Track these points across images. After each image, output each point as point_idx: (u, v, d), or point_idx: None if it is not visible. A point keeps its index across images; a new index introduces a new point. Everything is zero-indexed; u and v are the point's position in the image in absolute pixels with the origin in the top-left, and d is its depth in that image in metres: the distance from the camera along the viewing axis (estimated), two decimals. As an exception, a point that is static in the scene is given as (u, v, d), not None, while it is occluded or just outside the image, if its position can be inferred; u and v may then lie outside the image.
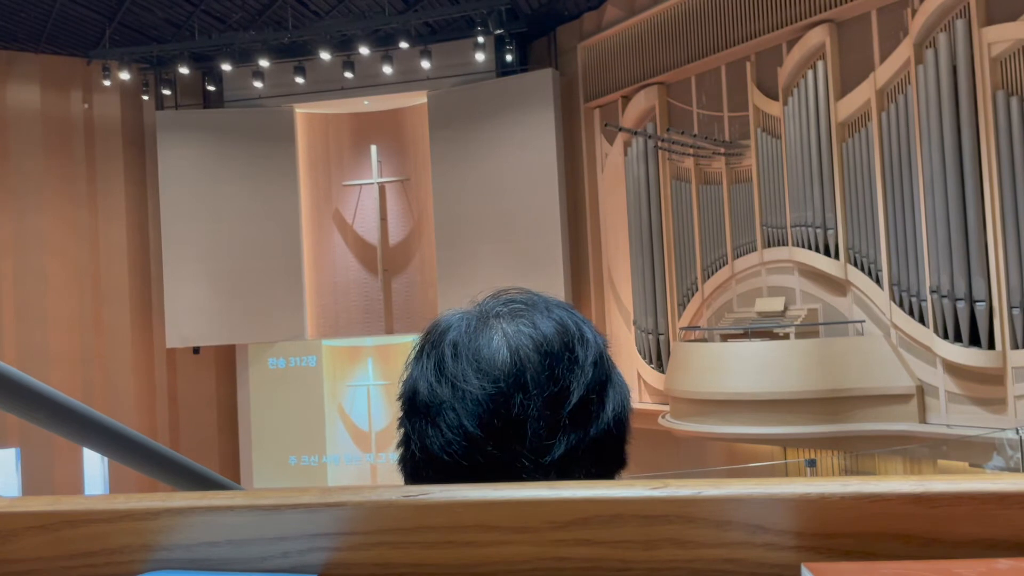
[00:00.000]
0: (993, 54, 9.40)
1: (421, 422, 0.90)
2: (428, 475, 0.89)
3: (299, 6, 14.95)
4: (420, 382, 0.91)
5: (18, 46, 15.51)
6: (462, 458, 0.86)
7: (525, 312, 0.92)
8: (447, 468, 0.87)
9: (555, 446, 0.85)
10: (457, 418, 0.87)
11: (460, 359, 0.89)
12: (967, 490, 0.59)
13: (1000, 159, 9.31)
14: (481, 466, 0.86)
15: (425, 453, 0.89)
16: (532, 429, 0.85)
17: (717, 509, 0.61)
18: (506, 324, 0.91)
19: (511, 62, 15.02)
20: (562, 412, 0.86)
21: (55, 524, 0.64)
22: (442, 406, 0.88)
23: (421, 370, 0.92)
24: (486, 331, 0.90)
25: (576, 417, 0.87)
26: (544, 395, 0.86)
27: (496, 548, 0.62)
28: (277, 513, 0.63)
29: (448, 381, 0.88)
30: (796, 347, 11.05)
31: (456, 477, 0.87)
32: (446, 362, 0.89)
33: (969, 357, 9.56)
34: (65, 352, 15.55)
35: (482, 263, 15.12)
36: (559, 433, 0.86)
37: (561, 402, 0.86)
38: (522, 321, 0.91)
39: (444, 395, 0.88)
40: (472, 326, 0.92)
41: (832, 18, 11.20)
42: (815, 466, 11.38)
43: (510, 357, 0.88)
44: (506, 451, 0.86)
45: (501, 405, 0.86)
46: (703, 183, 13.23)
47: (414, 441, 0.91)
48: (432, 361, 0.91)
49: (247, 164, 16.04)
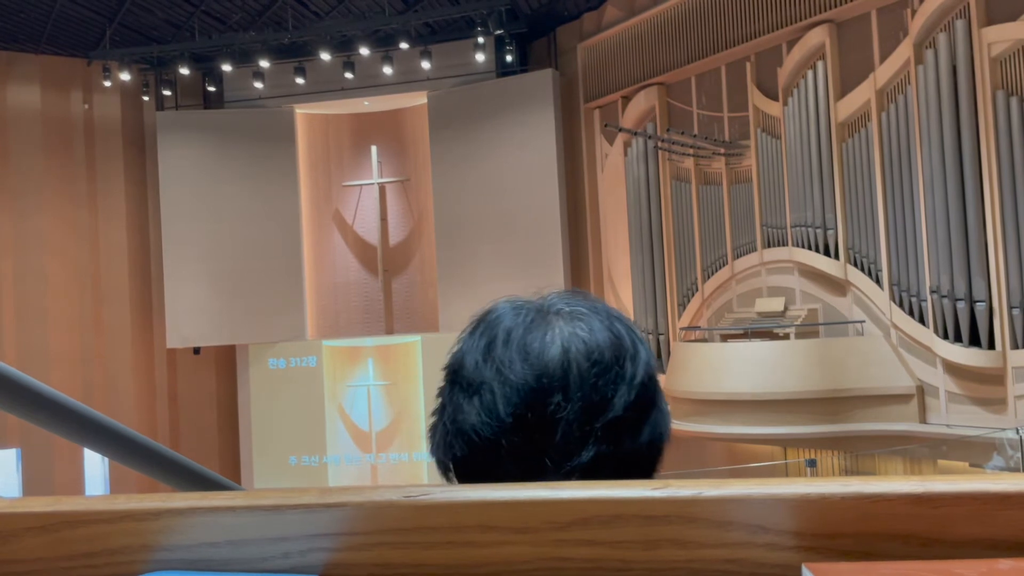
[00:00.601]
0: (993, 54, 9.40)
1: (459, 395, 0.90)
2: (453, 449, 0.90)
3: (299, 7, 14.95)
4: (467, 357, 0.91)
5: (18, 47, 15.51)
6: (487, 441, 0.86)
7: (585, 316, 0.92)
8: (472, 447, 0.88)
9: (582, 453, 0.85)
10: (493, 400, 0.87)
11: (511, 345, 0.89)
12: (968, 490, 0.59)
13: (1000, 159, 9.31)
14: (504, 455, 0.86)
15: (455, 426, 0.90)
16: (563, 431, 0.85)
17: (718, 509, 0.61)
18: (564, 323, 0.91)
19: (511, 62, 15.02)
20: (597, 422, 0.85)
21: (55, 525, 0.64)
22: (482, 386, 0.88)
23: (471, 345, 0.92)
24: (543, 325, 0.90)
25: (610, 431, 0.86)
26: (583, 401, 0.86)
27: (496, 548, 0.62)
28: (277, 513, 0.63)
29: (494, 363, 0.88)
30: (796, 347, 11.05)
31: (478, 459, 0.88)
32: (496, 344, 0.90)
33: (969, 357, 9.56)
34: (65, 352, 15.55)
35: (482, 263, 15.12)
36: (589, 442, 0.85)
37: (598, 413, 0.86)
38: (580, 324, 0.90)
39: (487, 375, 0.88)
40: (531, 318, 0.91)
41: (832, 18, 11.20)
42: (815, 466, 11.38)
43: (559, 356, 0.87)
44: (531, 445, 0.85)
45: (539, 399, 0.86)
46: (703, 183, 13.23)
47: (448, 412, 0.92)
48: (484, 340, 0.91)
49: (247, 164, 16.05)
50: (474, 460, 0.88)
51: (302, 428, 16.07)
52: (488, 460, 0.87)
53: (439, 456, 0.93)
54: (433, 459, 0.95)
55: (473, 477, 0.90)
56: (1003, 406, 9.42)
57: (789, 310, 11.75)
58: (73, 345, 15.72)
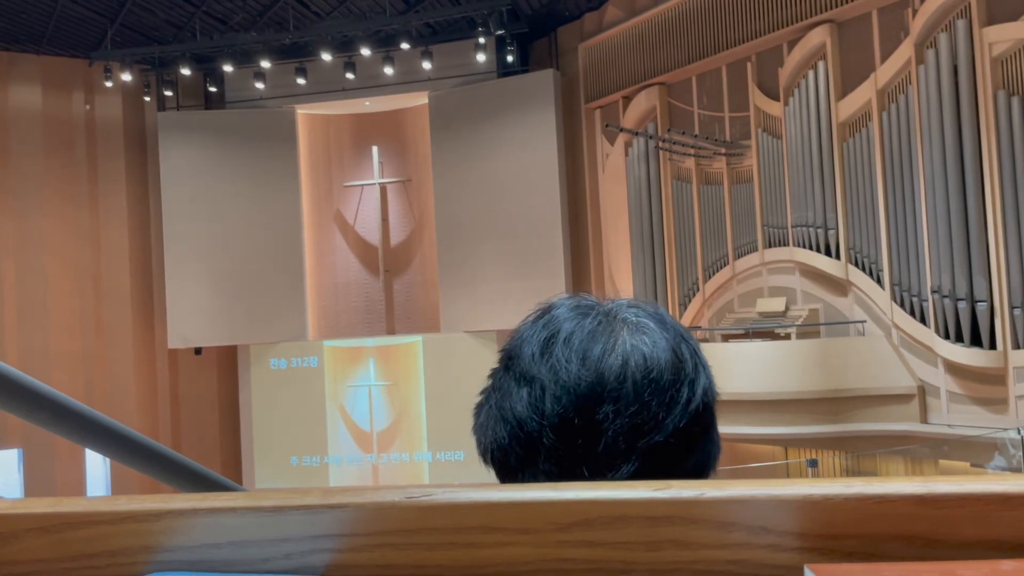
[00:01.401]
0: (994, 54, 9.40)
1: (511, 383, 0.89)
2: (495, 433, 0.89)
3: (300, 7, 14.96)
4: (525, 346, 0.90)
5: (19, 47, 15.53)
6: (529, 435, 0.85)
7: (650, 331, 0.89)
8: (513, 437, 0.87)
9: (622, 468, 0.83)
10: (543, 396, 0.85)
11: (571, 345, 0.87)
12: (971, 491, 0.59)
13: (1001, 159, 9.31)
14: (543, 452, 0.85)
15: (500, 412, 0.89)
16: (607, 442, 0.83)
17: (720, 510, 0.61)
18: (627, 334, 0.88)
19: (512, 63, 15.03)
20: (642, 441, 0.84)
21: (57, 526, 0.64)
22: (534, 380, 0.87)
23: (531, 335, 0.90)
24: (606, 332, 0.88)
25: (654, 452, 0.84)
26: (632, 417, 0.84)
27: (499, 550, 0.62)
28: (279, 514, 0.63)
29: (551, 359, 0.87)
30: (797, 347, 11.05)
31: (517, 450, 0.87)
32: (556, 341, 0.88)
33: (970, 357, 9.56)
34: (66, 353, 15.56)
35: (483, 263, 15.13)
36: (631, 458, 0.83)
37: (646, 432, 0.84)
38: (644, 338, 0.88)
39: (540, 370, 0.87)
40: (597, 321, 0.89)
41: (833, 18, 11.20)
42: (816, 466, 11.38)
43: (618, 367, 0.85)
44: (572, 449, 0.84)
45: (588, 405, 0.84)
46: (704, 183, 13.23)
47: (496, 396, 0.90)
48: (545, 333, 0.89)
49: (248, 165, 16.06)
50: (513, 450, 0.87)
51: (303, 428, 16.08)
52: (527, 454, 0.86)
53: (479, 436, 0.92)
54: (473, 438, 0.93)
55: (508, 465, 0.89)
56: (1004, 406, 9.42)
57: (790, 310, 11.74)
58: (74, 345, 15.73)
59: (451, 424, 15.03)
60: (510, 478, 0.89)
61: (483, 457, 0.92)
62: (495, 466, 0.91)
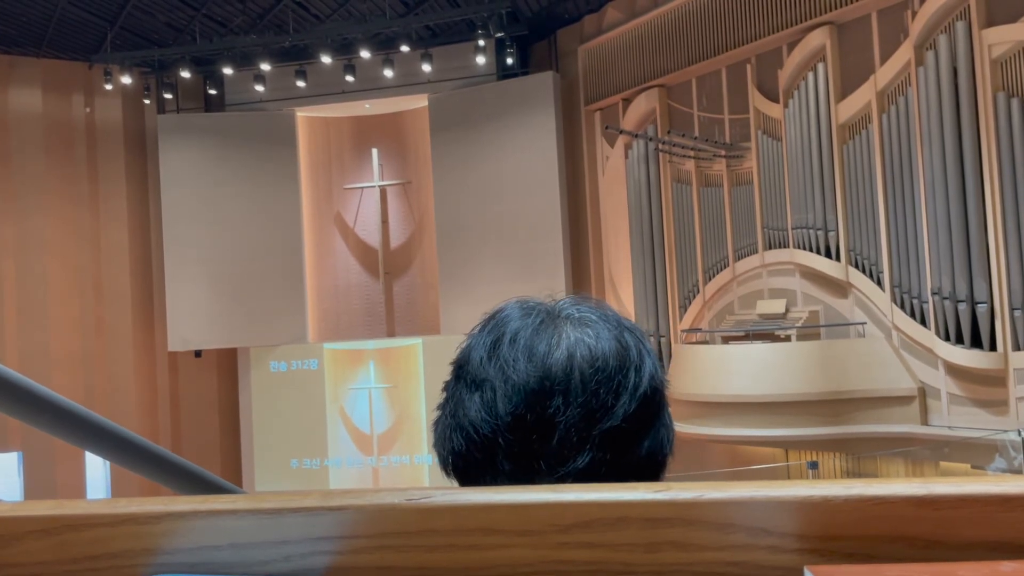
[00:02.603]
0: (993, 56, 9.40)
1: (463, 390, 0.91)
2: (452, 443, 0.91)
3: (300, 10, 14.97)
4: (473, 353, 0.92)
5: (20, 50, 15.54)
6: (485, 438, 0.87)
7: (593, 323, 0.92)
8: (470, 443, 0.88)
9: (577, 459, 0.85)
10: (494, 398, 0.87)
11: (516, 345, 0.89)
12: (971, 493, 0.59)
13: (1001, 160, 9.31)
14: (500, 453, 0.86)
15: (455, 420, 0.90)
16: (560, 435, 0.85)
17: (719, 512, 0.61)
18: (572, 328, 0.90)
19: (512, 65, 15.04)
20: (595, 429, 0.85)
21: (57, 528, 0.64)
22: (484, 383, 0.88)
23: (478, 342, 0.92)
24: (551, 328, 0.90)
25: (608, 439, 0.86)
26: (583, 407, 0.85)
27: (499, 551, 0.62)
28: (279, 517, 0.63)
29: (498, 361, 0.89)
30: (797, 349, 11.04)
31: (474, 455, 0.88)
32: (502, 343, 0.90)
33: (970, 359, 9.56)
34: (67, 355, 15.56)
35: (483, 265, 15.13)
36: (586, 448, 0.85)
37: (597, 420, 0.86)
38: (588, 331, 0.90)
39: (490, 373, 0.88)
40: (539, 319, 0.92)
41: (832, 20, 11.20)
42: (817, 468, 11.37)
43: (564, 360, 0.87)
44: (528, 446, 0.86)
45: (539, 401, 0.86)
46: (704, 185, 13.24)
47: (450, 406, 0.92)
48: (491, 337, 0.91)
49: (248, 167, 16.06)
50: (471, 456, 0.89)
51: (303, 431, 16.07)
52: (484, 457, 0.87)
53: (438, 449, 0.94)
54: (434, 453, 0.95)
55: (468, 472, 0.90)
56: (1005, 407, 9.42)
57: (790, 312, 11.74)
58: (74, 348, 15.73)
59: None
60: (471, 484, 0.90)
61: (444, 469, 0.93)
62: (456, 475, 0.92)
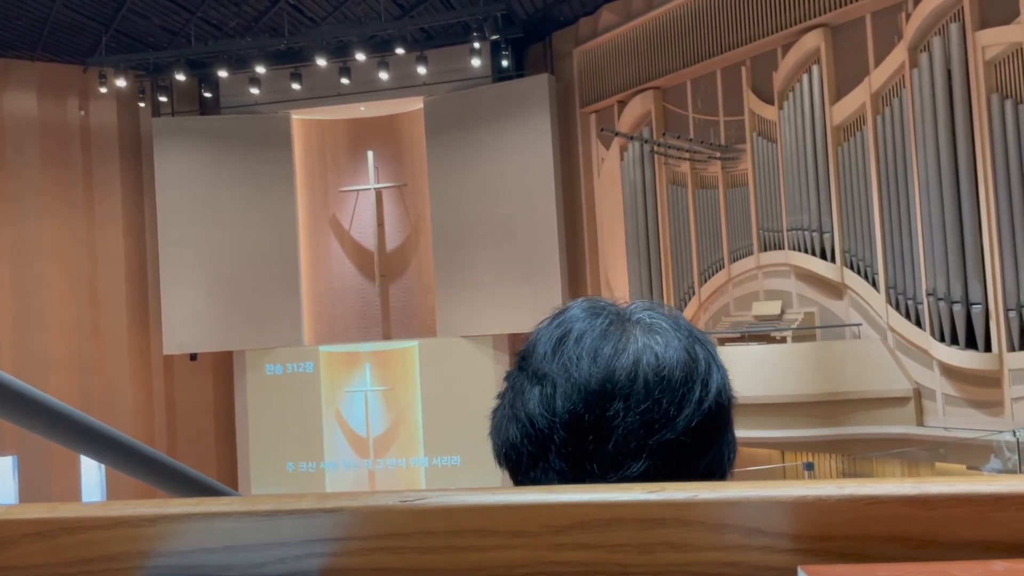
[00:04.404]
0: (987, 57, 9.43)
1: (524, 382, 0.90)
2: (507, 432, 0.90)
3: (295, 12, 14.97)
4: (539, 346, 0.91)
5: (14, 54, 15.51)
6: (541, 433, 0.86)
7: (663, 332, 0.89)
8: (525, 435, 0.87)
9: (632, 466, 0.83)
10: (554, 394, 0.86)
11: (582, 344, 0.88)
12: (963, 492, 0.60)
13: (995, 162, 9.34)
14: (554, 450, 0.85)
15: (513, 411, 0.90)
16: (617, 440, 0.84)
17: (714, 512, 0.61)
18: (640, 334, 0.89)
19: (507, 67, 15.05)
20: (652, 439, 0.84)
21: (52, 531, 0.64)
22: (545, 378, 0.88)
23: (545, 335, 0.91)
24: (619, 332, 0.89)
25: (665, 450, 0.84)
26: (643, 415, 0.84)
27: (494, 553, 0.62)
28: (274, 519, 0.63)
29: (562, 357, 0.88)
30: (793, 351, 11.06)
31: (528, 448, 0.87)
32: (568, 340, 0.89)
33: (966, 360, 9.58)
34: (63, 359, 15.52)
35: (479, 268, 15.13)
36: (642, 456, 0.84)
37: (656, 430, 0.84)
38: (656, 338, 0.88)
39: (552, 368, 0.88)
40: (608, 321, 0.90)
41: (827, 22, 11.23)
42: (813, 469, 11.38)
43: (629, 365, 0.86)
44: (583, 447, 0.84)
45: (599, 403, 0.85)
46: (699, 187, 13.25)
47: (510, 396, 0.92)
48: (558, 332, 0.90)
49: (244, 170, 16.04)
50: (524, 448, 0.88)
51: (299, 434, 16.05)
52: (538, 451, 0.87)
53: (493, 438, 0.93)
54: (489, 441, 0.94)
55: (520, 465, 0.89)
56: (1000, 408, 9.44)
57: (786, 313, 11.76)
58: (70, 352, 15.69)
59: (448, 429, 15.02)
60: (522, 477, 0.89)
61: (498, 459, 0.93)
62: (508, 465, 0.91)
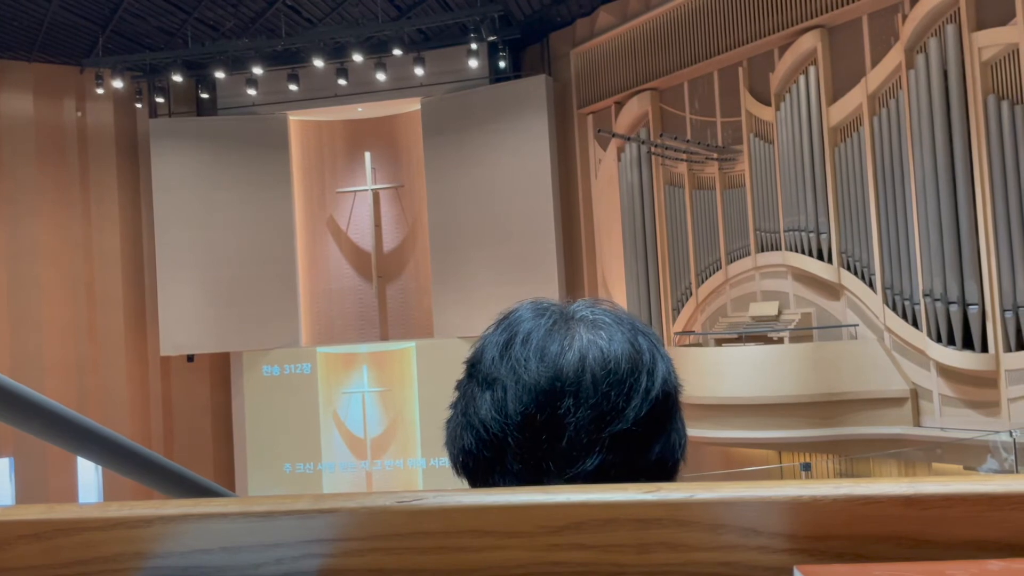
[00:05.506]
0: (983, 58, 9.45)
1: (475, 389, 0.91)
2: (462, 441, 0.91)
3: (292, 13, 14.96)
4: (486, 351, 0.92)
5: (11, 55, 15.49)
6: (495, 437, 0.87)
7: (607, 326, 0.91)
8: (480, 441, 0.88)
9: (587, 461, 0.84)
10: (504, 397, 0.87)
11: (529, 345, 0.89)
12: (958, 492, 0.60)
13: (991, 163, 9.35)
14: (509, 453, 0.86)
15: (466, 418, 0.91)
16: (570, 436, 0.85)
17: (710, 512, 0.61)
18: (585, 330, 0.90)
19: (504, 69, 15.05)
20: (605, 432, 0.85)
21: (49, 532, 0.64)
22: (495, 382, 0.89)
23: (492, 341, 0.93)
24: (564, 330, 0.90)
25: (618, 442, 0.85)
26: (594, 409, 0.85)
27: (490, 553, 0.62)
28: (271, 520, 0.63)
29: (510, 360, 0.89)
30: (790, 351, 11.06)
31: (484, 454, 0.88)
32: (514, 343, 0.90)
33: (962, 360, 9.59)
34: (59, 360, 15.50)
35: (477, 269, 15.12)
36: (595, 450, 0.85)
37: (608, 422, 0.85)
38: (600, 333, 0.90)
39: (501, 372, 0.89)
40: (553, 320, 0.91)
41: (823, 23, 11.24)
42: (810, 470, 11.39)
43: (576, 362, 0.87)
44: (537, 447, 0.85)
45: (549, 401, 0.86)
46: (696, 188, 13.26)
47: (462, 404, 0.92)
48: (504, 337, 0.91)
49: (241, 171, 16.03)
50: (481, 454, 0.89)
51: (297, 435, 16.03)
52: (494, 456, 0.87)
53: (449, 447, 0.94)
54: (446, 451, 0.95)
55: (478, 471, 0.90)
56: (996, 409, 9.45)
57: (783, 314, 11.77)
58: (67, 353, 15.67)
59: (445, 430, 14.99)
60: (480, 483, 0.90)
61: (455, 468, 0.93)
62: (466, 473, 0.92)
